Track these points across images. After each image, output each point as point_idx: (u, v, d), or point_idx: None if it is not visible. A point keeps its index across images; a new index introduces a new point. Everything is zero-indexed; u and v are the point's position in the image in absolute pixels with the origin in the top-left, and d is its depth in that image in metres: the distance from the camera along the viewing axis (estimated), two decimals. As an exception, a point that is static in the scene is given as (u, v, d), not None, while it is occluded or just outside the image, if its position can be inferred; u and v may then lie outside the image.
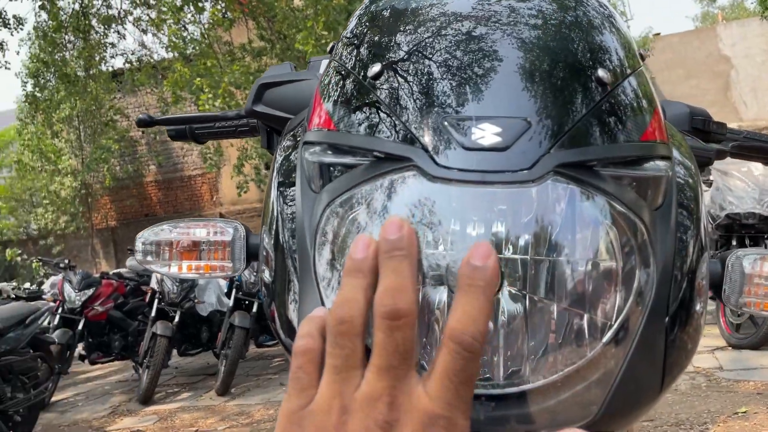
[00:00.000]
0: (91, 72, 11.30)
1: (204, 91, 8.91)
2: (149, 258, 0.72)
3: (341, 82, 0.58)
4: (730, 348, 4.77)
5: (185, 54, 10.41)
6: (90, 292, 5.93)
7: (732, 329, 4.83)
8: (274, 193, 0.62)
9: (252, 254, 0.70)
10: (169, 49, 10.62)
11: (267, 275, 0.60)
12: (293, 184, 0.59)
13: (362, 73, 0.56)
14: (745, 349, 4.65)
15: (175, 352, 6.02)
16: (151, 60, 11.70)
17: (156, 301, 5.75)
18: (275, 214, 0.60)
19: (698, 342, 0.55)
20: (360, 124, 0.53)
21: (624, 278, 0.48)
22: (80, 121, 13.60)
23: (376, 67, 0.54)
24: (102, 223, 15.65)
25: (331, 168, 0.54)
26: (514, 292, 0.48)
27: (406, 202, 0.48)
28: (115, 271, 7.41)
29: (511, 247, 0.47)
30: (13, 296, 6.43)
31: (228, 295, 6.01)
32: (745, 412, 3.45)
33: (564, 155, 0.47)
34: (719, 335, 4.90)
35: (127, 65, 11.55)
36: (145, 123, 1.01)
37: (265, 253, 0.61)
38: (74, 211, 14.68)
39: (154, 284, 5.90)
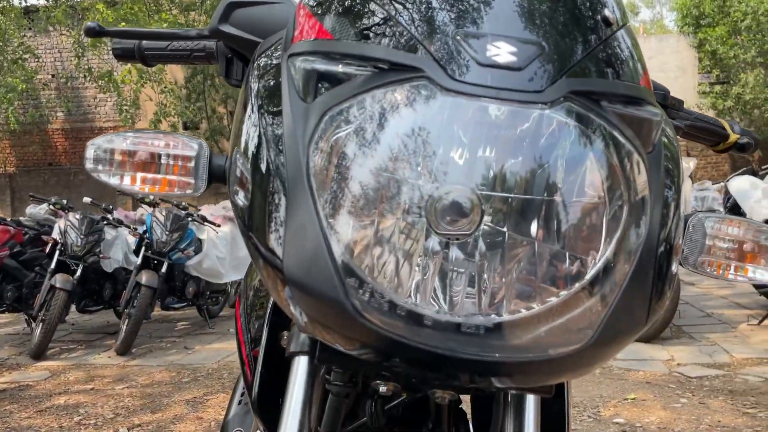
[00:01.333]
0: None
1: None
2: (100, 167, 0.66)
3: None
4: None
5: (108, -4, 9.84)
6: (-17, 237, 5.54)
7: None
8: (252, 115, 0.58)
9: (214, 176, 0.66)
10: (91, -10, 10.01)
11: (242, 198, 0.57)
12: (275, 103, 0.56)
13: None
14: (637, 341, 4.95)
15: (73, 308, 5.73)
16: (70, -1, 10.98)
17: (57, 252, 5.44)
18: (253, 134, 0.57)
19: (673, 284, 0.56)
20: (362, 33, 0.51)
21: (613, 218, 0.48)
22: (-16, 57, 12.60)
23: None
24: (-1, 167, 14.65)
25: (325, 78, 0.51)
26: (493, 229, 0.48)
27: (414, 114, 0.47)
28: (13, 218, 6.95)
29: (499, 179, 0.47)
30: None
31: (137, 252, 5.78)
32: (633, 399, 3.67)
33: (575, 83, 0.48)
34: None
35: (43, 1, 10.79)
36: (94, 32, 0.93)
37: (239, 175, 0.58)
38: (-31, 152, 13.65)
39: (56, 234, 5.57)
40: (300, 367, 0.66)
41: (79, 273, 5.40)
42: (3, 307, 5.78)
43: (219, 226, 6.18)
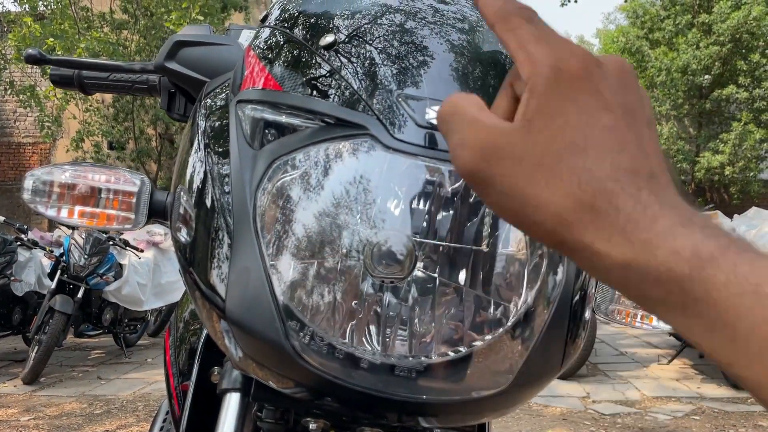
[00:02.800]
0: None
1: (57, 54, 8.21)
2: (38, 198, 0.66)
3: (287, 48, 0.59)
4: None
5: (36, 11, 9.52)
6: None
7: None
8: (198, 153, 0.60)
9: (155, 211, 0.67)
10: (17, 3, 9.66)
11: (184, 234, 0.58)
12: (222, 144, 0.58)
13: (313, 43, 0.57)
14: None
15: (-23, 332, 5.39)
16: (-6, 10, 10.55)
17: (-38, 273, 5.13)
18: (199, 172, 0.58)
19: (587, 329, 0.61)
20: (309, 85, 0.54)
21: (545, 264, 0.53)
22: None
23: (329, 38, 0.56)
24: None
25: (273, 126, 0.54)
26: (425, 274, 0.52)
27: (357, 168, 0.50)
28: None
29: (430, 229, 0.51)
30: None
31: (51, 276, 5.51)
32: (550, 434, 3.78)
33: None
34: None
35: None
36: (34, 59, 0.92)
37: (182, 212, 0.59)
38: None
39: (-37, 254, 5.26)
40: (231, 403, 0.67)
41: (-14, 296, 5.10)
42: None
43: (142, 251, 6.00)
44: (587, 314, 0.60)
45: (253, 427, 0.71)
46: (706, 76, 13.33)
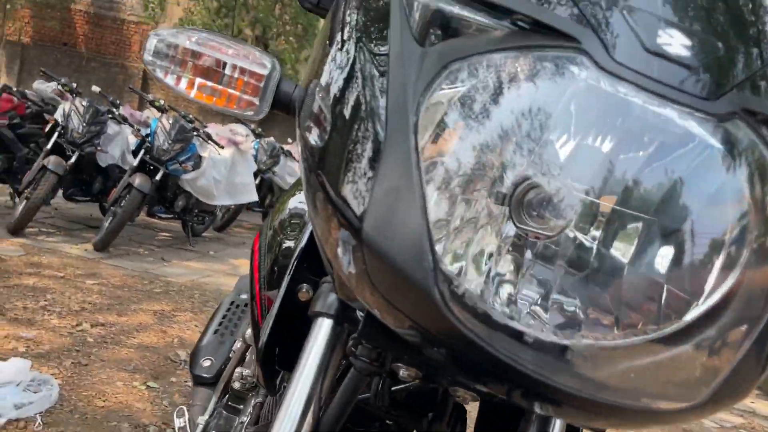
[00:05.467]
0: None
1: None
2: (158, 62, 0.59)
3: None
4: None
5: None
6: (-15, 101, 5.41)
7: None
8: (341, 45, 0.51)
9: (279, 102, 0.59)
10: None
11: (315, 136, 0.50)
12: (377, 37, 0.48)
13: None
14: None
15: (60, 193, 5.65)
16: None
17: (56, 134, 5.33)
18: (344, 68, 0.49)
19: None
20: None
21: (752, 254, 0.42)
22: None
23: None
24: (14, 35, 14.30)
25: (451, 24, 0.44)
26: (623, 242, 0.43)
27: (553, 90, 0.40)
28: (19, 89, 6.80)
29: (632, 192, 0.41)
30: None
31: (135, 154, 5.68)
32: None
33: (752, 99, 0.40)
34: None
35: None
36: None
37: (315, 110, 0.51)
38: (-14, 12, 13.31)
39: (59, 116, 5.45)
40: (322, 329, 0.61)
41: (73, 160, 5.30)
42: (-10, 176, 5.69)
43: (222, 147, 6.08)
44: None
45: (342, 356, 0.65)
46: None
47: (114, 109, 5.73)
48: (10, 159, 5.63)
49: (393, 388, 0.76)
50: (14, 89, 5.94)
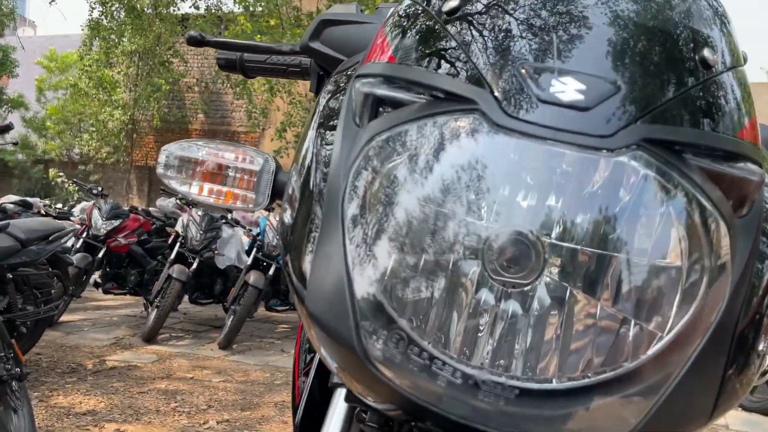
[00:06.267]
0: (158, 10, 11.44)
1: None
2: (170, 173, 0.67)
3: (411, 18, 0.53)
4: (740, 409, 4.62)
5: (251, 10, 10.46)
6: (116, 222, 6.00)
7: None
8: (311, 132, 0.57)
9: (278, 192, 0.66)
10: (237, 2, 10.68)
11: (288, 216, 0.55)
12: (333, 124, 0.54)
13: (436, 8, 0.50)
14: (755, 412, 4.52)
15: (186, 298, 6.07)
16: (219, 10, 11.80)
17: (178, 244, 5.79)
18: (309, 153, 0.55)
19: (756, 375, 0.48)
20: (423, 59, 0.48)
21: (690, 287, 0.42)
22: (140, 58, 13.75)
23: (453, 2, 0.49)
24: (142, 160, 15.88)
25: (382, 103, 0.48)
26: (554, 282, 0.43)
27: (459, 149, 0.42)
28: (144, 208, 7.50)
29: (563, 228, 0.42)
30: (43, 213, 6.53)
31: (248, 253, 6.03)
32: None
33: (652, 130, 0.41)
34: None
35: (193, 9, 11.67)
36: (195, 41, 0.97)
37: (290, 192, 0.56)
38: (118, 143, 14.91)
39: (179, 227, 5.94)
40: (340, 399, 0.63)
41: (194, 266, 5.72)
42: (125, 290, 6.23)
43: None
44: (762, 347, 0.47)
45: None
46: None
47: (226, 215, 6.16)
48: (141, 273, 6.16)
49: None
50: (140, 209, 6.57)
